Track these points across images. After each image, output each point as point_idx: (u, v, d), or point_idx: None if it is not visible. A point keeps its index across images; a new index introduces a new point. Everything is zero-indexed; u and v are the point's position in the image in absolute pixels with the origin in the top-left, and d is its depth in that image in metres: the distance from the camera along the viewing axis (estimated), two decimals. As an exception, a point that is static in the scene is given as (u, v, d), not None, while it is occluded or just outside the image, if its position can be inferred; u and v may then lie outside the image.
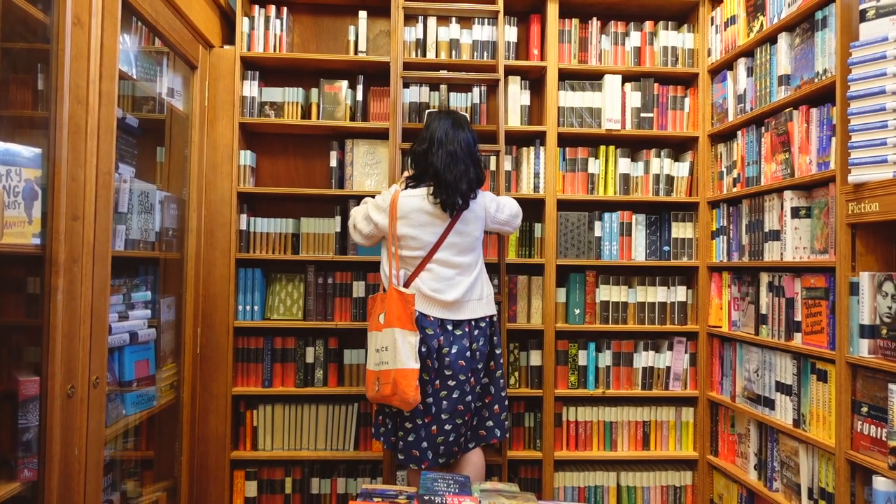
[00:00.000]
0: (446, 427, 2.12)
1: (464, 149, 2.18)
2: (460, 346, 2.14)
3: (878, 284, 1.75)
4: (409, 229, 2.14)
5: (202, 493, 2.60)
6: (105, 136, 1.72)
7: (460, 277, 2.17)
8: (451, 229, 2.15)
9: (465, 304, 2.17)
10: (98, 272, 1.69)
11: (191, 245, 2.52)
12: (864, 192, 1.79)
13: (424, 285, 2.13)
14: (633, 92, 2.82)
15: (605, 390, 2.77)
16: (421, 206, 2.14)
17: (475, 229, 2.21)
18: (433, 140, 2.18)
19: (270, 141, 2.91)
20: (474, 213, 2.20)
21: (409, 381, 2.03)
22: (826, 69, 2.02)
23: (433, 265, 2.15)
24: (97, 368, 1.69)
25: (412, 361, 2.05)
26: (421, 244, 2.14)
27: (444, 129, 2.19)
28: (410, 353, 2.05)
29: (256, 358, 2.70)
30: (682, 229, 2.82)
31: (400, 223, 2.14)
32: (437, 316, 2.13)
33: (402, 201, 2.15)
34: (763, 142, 2.37)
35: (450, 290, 2.14)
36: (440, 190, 2.13)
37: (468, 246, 2.19)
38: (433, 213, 2.14)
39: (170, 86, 2.45)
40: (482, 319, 2.21)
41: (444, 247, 2.15)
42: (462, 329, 2.16)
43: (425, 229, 2.14)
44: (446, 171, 2.13)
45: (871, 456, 1.76)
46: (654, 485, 2.78)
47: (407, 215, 2.14)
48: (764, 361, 2.33)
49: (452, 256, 2.16)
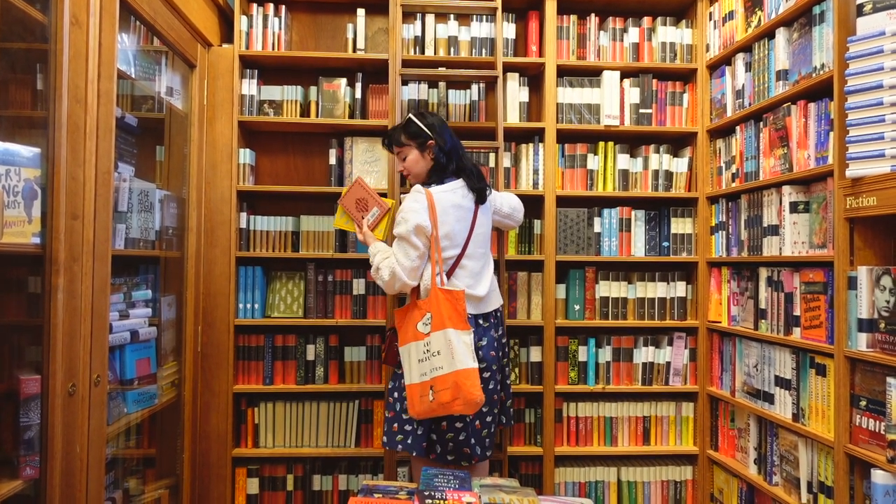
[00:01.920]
0: (488, 419, 2.13)
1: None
2: (489, 337, 2.14)
3: (877, 278, 1.75)
4: (448, 227, 2.07)
5: (204, 490, 2.61)
6: (104, 136, 1.73)
7: (484, 270, 2.18)
8: (475, 221, 2.15)
9: (490, 296, 2.18)
10: (98, 271, 1.69)
11: (191, 243, 2.53)
12: (862, 187, 1.79)
13: (461, 282, 2.11)
14: (631, 88, 2.82)
15: (605, 386, 2.78)
16: (456, 200, 2.10)
17: (489, 221, 2.25)
18: (447, 137, 2.17)
19: (270, 139, 2.92)
20: (489, 206, 2.24)
21: (473, 381, 1.93)
22: (824, 64, 2.03)
23: (466, 261, 2.13)
24: (98, 367, 1.70)
25: (472, 360, 1.96)
26: (457, 241, 2.11)
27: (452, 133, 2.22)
28: (468, 352, 1.96)
29: (257, 356, 2.71)
30: (681, 225, 2.83)
31: (441, 220, 2.04)
32: (472, 312, 2.11)
33: (439, 197, 2.06)
34: (761, 137, 2.37)
35: (479, 285, 2.14)
36: (472, 180, 2.15)
37: (487, 238, 2.23)
38: (466, 207, 2.13)
39: (169, 85, 2.45)
40: (498, 309, 2.24)
41: (471, 240, 2.14)
42: (489, 321, 2.17)
43: (460, 224, 2.11)
44: (467, 160, 2.19)
45: (870, 449, 1.77)
46: (655, 479, 2.79)
47: (447, 210, 2.07)
48: (763, 356, 2.34)
49: (477, 249, 2.16)
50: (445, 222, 2.05)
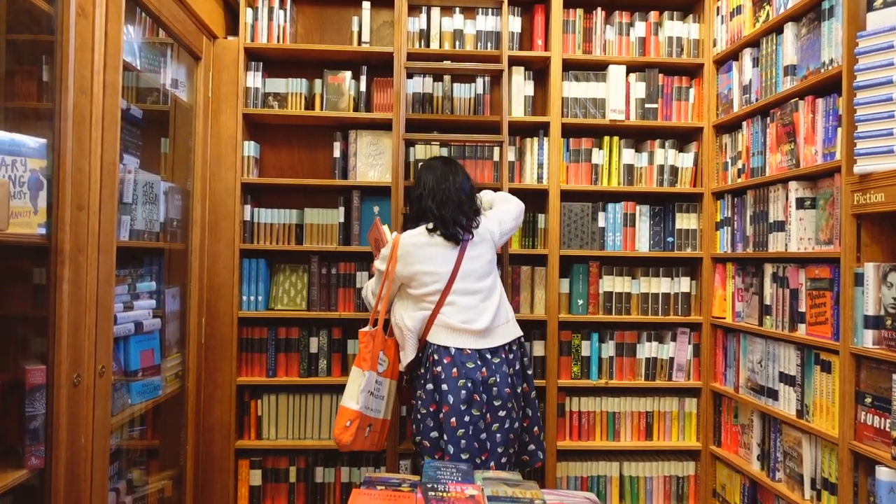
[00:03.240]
0: (502, 460, 2.12)
1: (457, 186, 2.20)
2: (501, 373, 2.13)
3: (884, 275, 1.75)
4: (419, 265, 2.13)
5: (207, 481, 2.62)
6: (109, 127, 1.72)
7: (485, 304, 2.16)
8: (463, 255, 2.15)
9: (495, 329, 2.17)
10: (103, 262, 1.70)
11: (195, 236, 2.53)
12: (870, 183, 1.78)
13: (452, 318, 2.12)
14: (637, 82, 2.81)
15: (608, 381, 2.78)
16: (422, 241, 2.15)
17: (486, 252, 2.21)
18: (426, 184, 2.22)
19: (274, 132, 2.91)
20: (481, 238, 2.20)
21: (340, 418, 2.12)
22: (832, 59, 2.01)
23: (454, 297, 2.13)
24: (103, 357, 1.70)
25: (352, 402, 2.11)
26: (435, 277, 2.13)
27: (433, 173, 2.23)
28: (354, 392, 2.12)
29: (261, 348, 2.71)
30: (686, 220, 2.82)
31: (405, 261, 2.13)
32: (474, 347, 2.11)
33: (404, 241, 2.15)
34: (768, 132, 2.35)
35: (479, 318, 2.13)
36: (439, 224, 2.14)
37: (485, 270, 2.19)
38: (438, 244, 2.14)
39: (174, 77, 2.45)
40: (514, 342, 2.22)
41: (460, 275, 2.14)
42: (499, 356, 2.16)
43: (436, 261, 2.13)
44: (440, 207, 2.16)
45: (875, 446, 1.76)
46: (657, 475, 2.79)
47: (410, 252, 2.13)
48: (768, 352, 2.33)
49: (472, 283, 2.16)
50: (410, 263, 2.13)
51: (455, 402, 2.06)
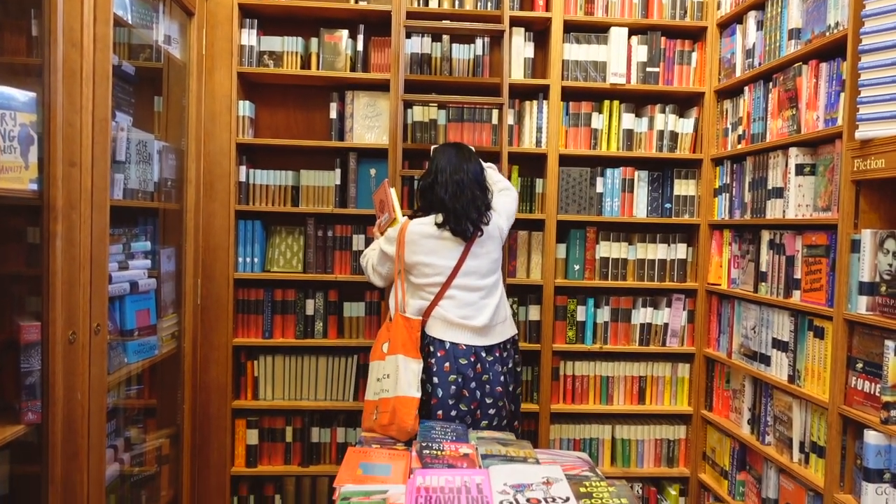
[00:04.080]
0: None
1: (470, 177, 2.14)
2: (495, 371, 2.12)
3: (880, 242, 1.75)
4: (422, 256, 2.10)
5: (204, 440, 2.65)
6: (101, 82, 1.69)
7: (485, 301, 2.14)
8: (468, 253, 2.11)
9: (494, 328, 2.15)
10: (97, 220, 1.68)
11: (190, 196, 2.50)
12: (871, 149, 1.77)
13: (450, 313, 2.09)
14: (639, 45, 2.77)
15: (602, 345, 2.80)
16: (430, 232, 2.10)
17: (492, 251, 2.18)
18: (438, 171, 2.15)
19: (269, 91, 2.87)
20: (489, 236, 2.16)
21: (408, 410, 1.97)
22: (838, 22, 1.97)
23: (455, 291, 2.11)
24: (98, 315, 1.70)
25: (413, 390, 2.00)
26: (437, 270, 2.10)
27: (448, 160, 2.16)
28: (413, 381, 2.01)
29: (257, 309, 2.72)
30: (684, 186, 2.80)
31: (409, 249, 2.10)
32: (469, 343, 2.09)
33: (411, 229, 2.11)
34: (770, 98, 2.33)
35: (478, 315, 2.11)
36: (449, 218, 2.09)
37: (489, 268, 2.17)
38: (444, 238, 2.10)
39: (166, 33, 2.39)
40: (508, 341, 2.21)
41: (463, 272, 2.11)
42: (494, 354, 2.15)
43: (439, 254, 2.10)
44: (453, 200, 2.09)
45: (864, 411, 1.79)
46: (649, 438, 2.84)
47: (416, 241, 2.09)
48: (762, 318, 2.35)
49: (474, 280, 2.12)
50: (414, 252, 2.10)
51: (444, 396, 2.05)
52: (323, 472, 2.74)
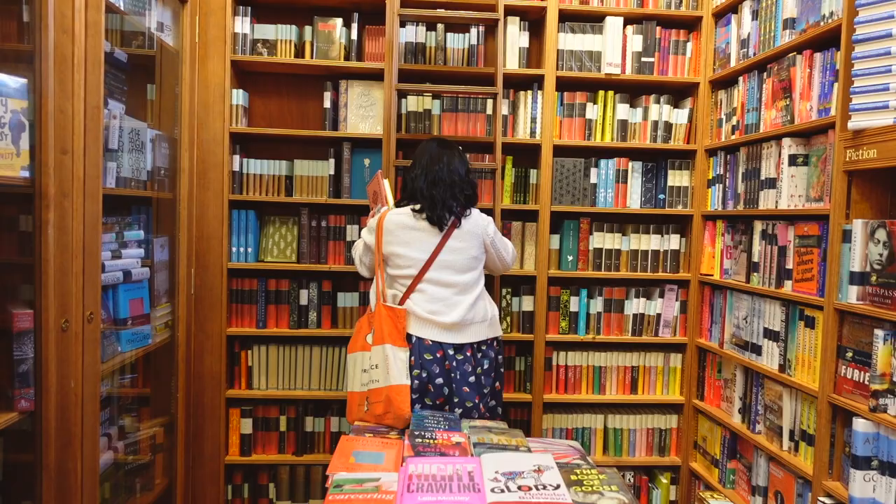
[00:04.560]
0: None
1: (452, 169, 2.15)
2: (462, 371, 2.08)
3: (871, 232, 1.76)
4: (396, 247, 2.10)
5: (198, 429, 2.65)
6: (93, 69, 1.68)
7: (459, 297, 2.10)
8: (442, 246, 2.09)
9: (467, 326, 2.10)
10: (89, 208, 1.68)
11: (183, 185, 2.50)
12: (863, 139, 1.77)
13: (418, 307, 2.07)
14: (634, 35, 2.76)
15: (595, 336, 2.81)
16: (406, 222, 2.10)
17: (471, 247, 2.14)
18: (419, 163, 2.18)
19: (263, 80, 2.85)
20: (467, 231, 2.14)
21: (403, 397, 1.97)
22: (833, 12, 1.98)
23: (425, 285, 2.08)
24: (91, 304, 1.70)
25: (405, 378, 2.01)
26: (409, 262, 2.09)
27: (430, 153, 2.18)
28: (403, 369, 2.01)
29: (250, 299, 2.72)
30: (678, 177, 2.81)
31: (385, 240, 2.10)
32: (436, 339, 2.06)
33: (389, 218, 2.12)
34: (764, 88, 2.33)
35: (449, 312, 2.08)
36: (426, 205, 2.09)
37: (465, 265, 2.13)
38: (420, 229, 2.09)
39: (159, 20, 2.37)
40: (484, 342, 2.16)
41: (436, 265, 2.09)
42: (464, 353, 2.10)
43: (412, 246, 2.09)
44: (431, 187, 2.11)
45: (854, 399, 1.81)
46: (641, 427, 2.86)
47: (392, 231, 2.10)
48: (753, 308, 2.36)
49: (448, 276, 2.10)
50: (390, 242, 2.10)
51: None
52: (317, 461, 2.75)
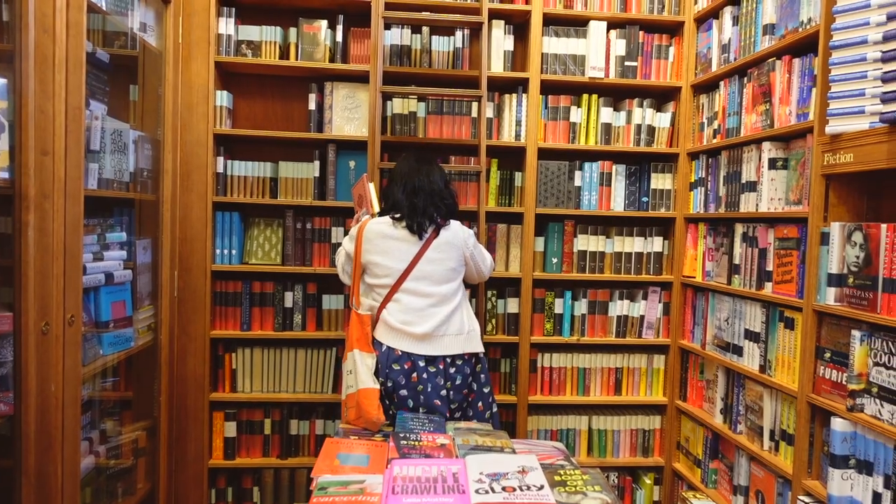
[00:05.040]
0: None
1: (432, 180, 2.17)
2: (434, 384, 2.06)
3: (848, 234, 1.79)
4: (374, 255, 2.10)
5: (181, 432, 2.63)
6: (74, 69, 1.66)
7: (434, 309, 2.08)
8: (421, 256, 2.09)
9: (440, 338, 2.08)
10: (70, 209, 1.66)
11: (166, 187, 2.48)
12: (840, 143, 1.81)
13: (392, 317, 2.07)
14: (618, 39, 2.79)
15: (579, 338, 2.83)
16: (385, 231, 2.10)
17: (450, 258, 2.13)
18: (398, 174, 2.20)
19: (247, 82, 2.84)
20: (447, 241, 2.13)
21: (370, 401, 1.97)
22: (811, 18, 2.01)
23: (402, 295, 2.08)
24: (72, 306, 1.68)
25: (371, 381, 2.02)
26: (387, 271, 2.09)
27: (408, 164, 2.21)
28: (368, 373, 2.03)
29: (235, 302, 2.70)
30: (661, 180, 2.84)
31: (364, 248, 2.11)
32: (407, 350, 2.05)
33: (369, 227, 2.12)
34: (745, 92, 2.36)
35: (421, 322, 2.06)
36: (405, 213, 2.10)
37: (444, 276, 2.12)
38: (399, 238, 2.09)
39: (142, 20, 2.36)
40: (460, 357, 2.11)
41: (414, 275, 2.08)
42: (436, 366, 2.07)
43: (391, 255, 2.09)
44: (411, 196, 2.13)
45: (832, 399, 1.83)
46: (624, 428, 2.88)
47: (371, 240, 2.10)
48: (735, 310, 2.39)
49: (425, 286, 2.09)
50: (368, 251, 2.11)
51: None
52: (301, 465, 2.74)
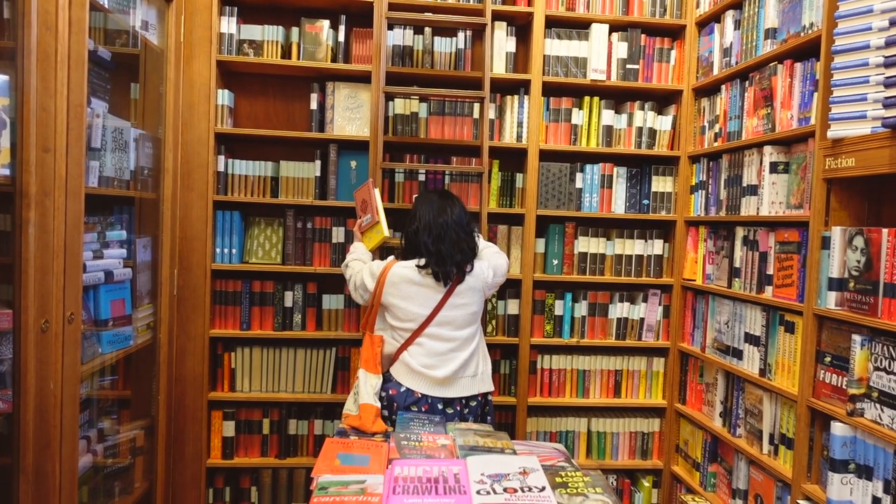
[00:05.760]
0: None
1: (455, 220, 2.13)
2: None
3: (849, 239, 1.79)
4: (398, 300, 2.09)
5: (180, 432, 2.63)
6: (76, 67, 1.66)
7: (455, 353, 2.11)
8: (444, 302, 2.09)
9: (457, 380, 2.12)
10: (71, 207, 1.66)
11: (167, 185, 2.47)
12: (842, 148, 1.81)
13: (414, 360, 2.09)
14: (619, 42, 2.79)
15: (579, 339, 2.83)
16: (411, 276, 2.09)
17: (473, 303, 2.14)
18: (420, 217, 2.14)
19: (249, 81, 2.84)
20: (470, 287, 2.13)
21: (368, 415, 2.00)
22: (813, 23, 2.01)
23: (424, 339, 2.10)
24: (71, 304, 1.68)
25: (371, 399, 2.04)
26: (411, 316, 2.09)
27: (430, 206, 2.15)
28: (370, 393, 2.05)
29: (234, 301, 2.70)
30: (662, 183, 2.84)
31: (387, 291, 2.10)
32: (426, 393, 2.08)
33: (394, 270, 2.10)
34: (746, 96, 2.36)
35: (442, 366, 2.09)
36: (432, 260, 2.07)
37: (466, 321, 2.13)
38: (423, 285, 2.08)
39: (144, 18, 2.36)
40: (473, 398, 2.16)
41: (437, 321, 2.09)
42: (453, 408, 2.12)
43: (414, 301, 2.08)
44: (437, 242, 2.08)
45: (832, 403, 1.83)
46: (624, 430, 2.87)
47: (396, 284, 2.09)
48: (735, 314, 2.39)
49: (447, 331, 2.10)
50: (391, 294, 2.10)
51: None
52: (300, 465, 2.74)
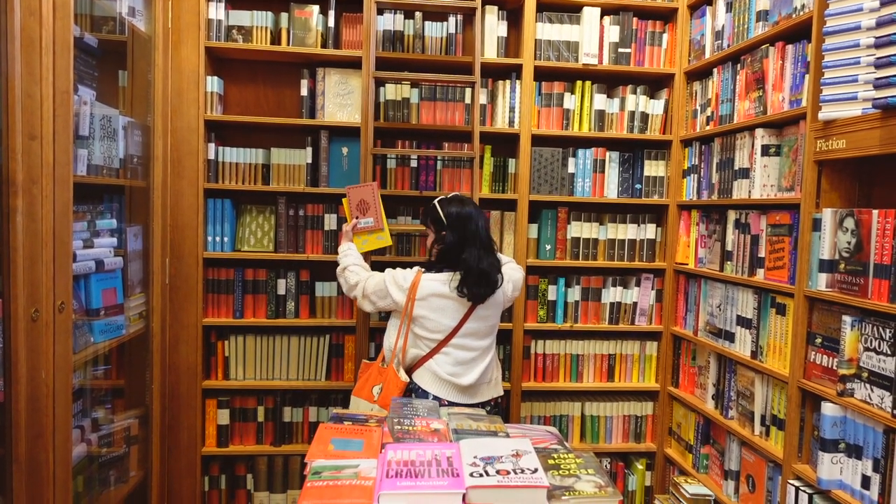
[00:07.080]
0: None
1: (489, 237, 2.17)
2: None
3: (840, 220, 1.79)
4: (427, 311, 2.12)
5: (174, 420, 2.63)
6: (61, 53, 1.64)
7: (477, 362, 2.18)
8: (471, 314, 2.14)
9: (479, 387, 2.20)
10: (59, 195, 1.64)
11: (157, 174, 2.45)
12: (833, 130, 1.81)
13: (441, 368, 2.13)
14: (611, 26, 2.77)
15: (573, 324, 2.84)
16: (442, 291, 2.11)
17: (494, 315, 2.21)
18: (466, 235, 2.12)
19: (238, 67, 2.81)
20: (494, 301, 2.17)
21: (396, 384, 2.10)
22: (804, 4, 2.01)
23: (450, 349, 2.14)
24: (62, 293, 1.67)
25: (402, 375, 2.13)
26: (439, 327, 2.13)
27: (475, 223, 2.13)
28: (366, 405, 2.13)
29: (227, 289, 2.69)
30: (654, 167, 2.84)
31: (418, 304, 2.11)
32: (452, 400, 2.14)
33: (424, 284, 2.12)
34: (738, 79, 2.36)
35: (467, 374, 2.15)
36: (472, 280, 2.08)
37: (487, 331, 2.20)
38: (454, 298, 2.11)
39: (131, 5, 2.32)
40: (487, 403, 2.23)
41: (462, 332, 2.14)
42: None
43: (444, 313, 2.12)
44: (481, 262, 2.09)
45: (822, 384, 1.85)
46: (617, 414, 2.89)
47: (426, 298, 2.11)
48: (727, 297, 2.40)
49: (471, 341, 2.16)
50: (422, 306, 2.12)
51: None
52: (295, 452, 2.74)
